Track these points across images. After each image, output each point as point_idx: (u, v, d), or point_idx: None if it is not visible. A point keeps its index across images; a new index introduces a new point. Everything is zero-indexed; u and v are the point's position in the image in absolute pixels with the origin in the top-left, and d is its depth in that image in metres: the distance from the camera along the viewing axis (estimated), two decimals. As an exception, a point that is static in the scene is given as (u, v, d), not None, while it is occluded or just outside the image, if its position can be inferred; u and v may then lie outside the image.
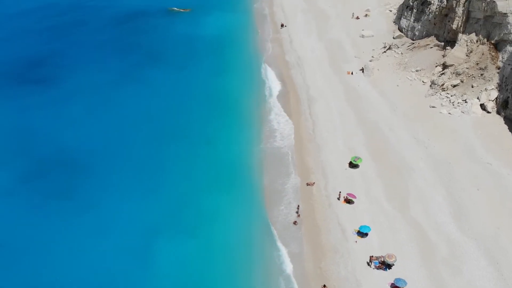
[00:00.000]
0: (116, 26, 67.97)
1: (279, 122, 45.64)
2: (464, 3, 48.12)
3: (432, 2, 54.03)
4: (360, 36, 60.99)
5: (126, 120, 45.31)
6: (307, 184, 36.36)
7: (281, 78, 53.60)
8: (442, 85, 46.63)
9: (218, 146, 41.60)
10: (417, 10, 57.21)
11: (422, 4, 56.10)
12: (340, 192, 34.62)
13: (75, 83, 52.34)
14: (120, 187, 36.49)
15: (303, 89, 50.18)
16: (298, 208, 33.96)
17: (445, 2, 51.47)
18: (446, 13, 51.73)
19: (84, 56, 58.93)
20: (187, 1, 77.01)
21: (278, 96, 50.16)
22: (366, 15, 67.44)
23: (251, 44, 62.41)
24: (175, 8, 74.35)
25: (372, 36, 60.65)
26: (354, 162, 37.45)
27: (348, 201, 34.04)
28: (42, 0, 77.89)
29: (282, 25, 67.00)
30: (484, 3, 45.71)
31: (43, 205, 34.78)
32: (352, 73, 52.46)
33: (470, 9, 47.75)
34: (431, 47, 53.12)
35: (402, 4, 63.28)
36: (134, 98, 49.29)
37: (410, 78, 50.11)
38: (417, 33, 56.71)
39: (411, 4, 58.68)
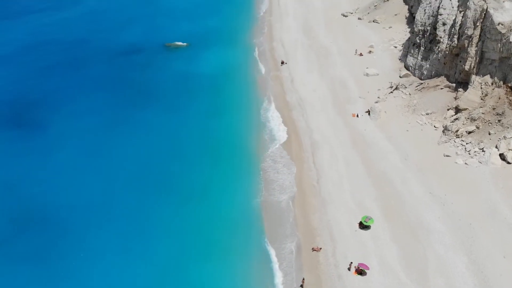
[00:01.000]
0: (111, 62, 65.27)
1: (279, 172, 41.90)
2: (477, 43, 45.21)
3: (441, 40, 51.22)
4: (364, 74, 58.04)
5: (113, 170, 41.79)
6: (313, 250, 32.35)
7: (281, 120, 50.21)
8: (456, 131, 43.13)
9: (211, 201, 37.92)
10: (424, 48, 54.42)
11: (431, 42, 53.33)
12: (351, 262, 30.51)
13: (62, 127, 49.00)
14: (101, 252, 32.44)
15: (306, 133, 46.70)
16: (303, 282, 29.79)
17: (456, 41, 48.59)
18: (457, 53, 48.82)
19: (75, 96, 55.79)
20: (185, 36, 74.46)
21: (278, 141, 46.63)
22: (369, 52, 64.76)
23: (250, 82, 59.41)
24: (172, 44, 71.67)
25: (377, 74, 57.71)
26: (365, 223, 33.54)
27: (360, 272, 29.97)
28: (39, 36, 75.15)
29: (282, 62, 64.20)
30: (499, 44, 42.78)
31: (13, 271, 30.82)
32: (357, 116, 49.14)
33: (484, 49, 44.80)
34: (442, 88, 49.99)
35: (408, 40, 60.73)
36: (123, 144, 45.86)
37: (420, 122, 46.71)
38: (425, 72, 53.73)
39: (418, 41, 55.95)
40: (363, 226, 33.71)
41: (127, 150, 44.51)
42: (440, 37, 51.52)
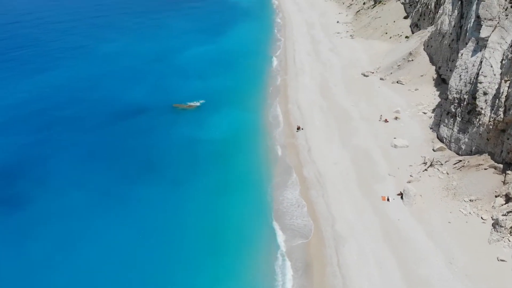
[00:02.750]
0: (111, 125, 59.94)
1: (294, 281, 34.00)
2: (530, 120, 38.59)
3: (483, 112, 44.65)
4: (392, 146, 51.35)
5: (100, 265, 34.71)
6: None
7: (297, 202, 43.16)
8: (511, 228, 35.52)
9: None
10: (462, 119, 47.83)
11: (469, 113, 46.79)
12: None
13: (47, 205, 42.83)
14: None
15: (328, 222, 39.40)
16: None
17: (501, 115, 41.99)
18: (504, 128, 42.08)
19: (67, 165, 50.06)
20: (194, 96, 69.69)
21: (293, 232, 39.28)
22: (396, 118, 58.49)
23: (262, 152, 53.08)
24: (180, 105, 66.60)
25: (407, 146, 50.96)
26: None
27: None
28: (35, 95, 71.13)
29: (298, 128, 58.11)
30: (559, 124, 36.03)
31: None
32: (388, 199, 41.93)
33: (538, 128, 38.12)
34: (486, 169, 42.79)
35: (440, 107, 54.35)
36: (115, 230, 39.11)
37: (464, 211, 39.22)
38: (463, 147, 46.85)
39: (453, 110, 49.49)
40: None
41: (121, 237, 37.77)
42: (481, 108, 45.02)
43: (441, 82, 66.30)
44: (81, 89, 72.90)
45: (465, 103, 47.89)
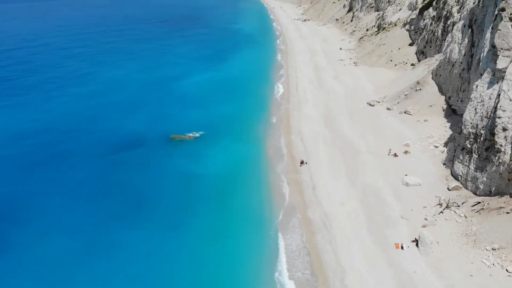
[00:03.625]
0: (104, 160, 56.60)
1: None
2: (559, 162, 35.02)
3: (503, 150, 41.18)
4: (403, 184, 47.66)
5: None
6: None
7: (301, 250, 39.19)
8: (544, 283, 31.50)
9: None
10: (478, 156, 44.31)
11: (487, 149, 43.30)
12: None
13: (27, 251, 38.97)
14: None
15: (336, 275, 35.34)
16: None
17: (524, 155, 38.54)
18: (527, 169, 38.58)
19: (52, 206, 46.43)
20: (193, 126, 66.63)
21: (295, 284, 35.31)
22: (405, 152, 54.99)
23: (263, 189, 49.41)
24: (178, 136, 63.42)
25: (419, 184, 47.25)
26: None
27: None
28: (30, 126, 68.29)
29: (302, 162, 54.60)
30: None
31: None
32: (402, 247, 37.97)
33: None
34: (508, 212, 38.99)
35: (453, 141, 50.85)
36: (99, 282, 35.13)
37: (486, 262, 35.21)
38: (481, 187, 43.15)
39: (469, 146, 46.02)
40: None
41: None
42: (501, 145, 41.57)
43: (452, 113, 63.18)
44: (77, 120, 70.01)
45: (482, 139, 44.49)
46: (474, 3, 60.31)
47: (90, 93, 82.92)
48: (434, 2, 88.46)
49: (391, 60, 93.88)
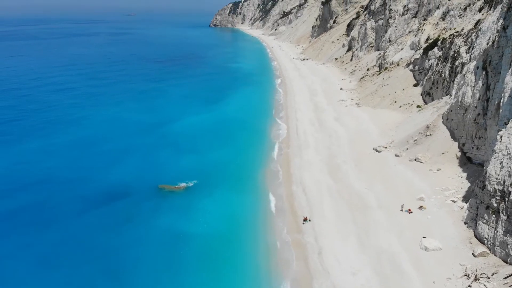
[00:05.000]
0: (83, 215, 50.54)
1: None
2: None
3: (539, 213, 35.39)
4: (421, 248, 41.56)
5: None
6: None
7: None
8: None
9: None
10: (507, 218, 38.42)
11: (519, 211, 37.50)
12: None
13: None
14: None
15: None
16: None
17: None
18: None
19: (15, 275, 39.88)
20: (184, 174, 61.07)
21: None
22: (420, 207, 49.17)
23: (261, 254, 43.22)
24: (167, 186, 57.66)
25: (440, 249, 41.12)
26: None
27: None
28: (2, 172, 62.63)
29: (305, 219, 48.58)
30: None
31: None
32: (428, 335, 31.43)
33: None
34: (554, 290, 32.80)
35: (475, 198, 45.04)
36: None
37: None
38: (516, 255, 37.06)
39: (495, 205, 40.21)
40: None
41: None
42: (536, 208, 35.82)
43: (467, 161, 57.88)
44: (58, 167, 64.40)
45: (511, 197, 38.79)
46: (487, 44, 56.33)
47: (77, 137, 77.68)
48: (439, 42, 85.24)
49: (395, 102, 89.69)
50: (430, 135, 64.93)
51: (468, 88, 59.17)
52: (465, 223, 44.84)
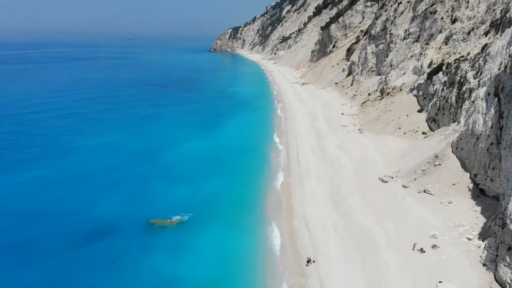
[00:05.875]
0: (65, 254, 46.28)
1: None
2: None
3: None
4: (439, 294, 37.19)
5: None
6: None
7: None
8: None
9: None
10: (536, 262, 34.33)
11: (549, 256, 33.39)
12: None
13: None
14: None
15: None
16: None
17: None
18: None
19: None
20: (178, 208, 57.03)
21: None
22: (433, 246, 45.00)
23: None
24: (159, 221, 53.57)
25: (460, 296, 36.75)
26: None
27: None
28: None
29: (308, 261, 44.34)
30: None
31: None
32: None
33: None
34: None
35: (494, 237, 40.96)
36: None
37: None
38: (547, 306, 32.75)
39: (520, 247, 36.15)
40: None
41: None
42: None
43: (480, 193, 53.99)
44: (43, 199, 60.39)
45: (538, 239, 34.79)
46: (499, 69, 53.37)
47: (66, 166, 73.87)
48: (444, 67, 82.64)
49: (400, 128, 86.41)
50: (439, 164, 61.21)
51: (479, 115, 55.87)
52: (484, 264, 40.62)
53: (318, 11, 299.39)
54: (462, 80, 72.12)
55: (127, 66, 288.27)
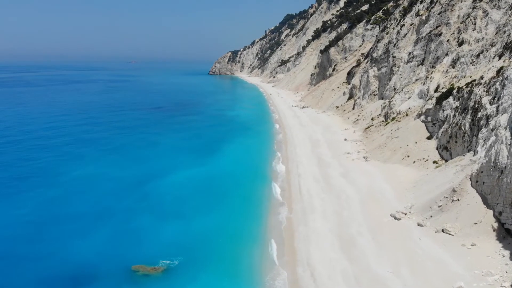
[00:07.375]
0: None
1: None
2: None
3: None
4: None
5: None
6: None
7: None
8: None
9: None
10: None
11: None
12: None
13: None
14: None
15: None
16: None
17: None
18: None
19: None
20: (165, 250, 50.37)
21: None
22: (461, 302, 38.22)
23: None
24: (142, 267, 46.87)
25: None
26: None
27: None
28: None
29: (315, 320, 37.34)
30: None
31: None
32: None
33: None
34: None
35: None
36: None
37: None
38: None
39: None
40: None
41: None
42: None
43: (506, 234, 47.59)
44: (14, 240, 53.64)
45: None
46: (525, 96, 47.84)
47: (44, 199, 67.09)
48: (455, 91, 77.36)
49: (408, 156, 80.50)
50: (458, 200, 54.93)
51: (503, 146, 50.04)
52: (527, 329, 33.88)
53: (317, 34, 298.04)
54: (476, 105, 66.62)
55: (127, 89, 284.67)
